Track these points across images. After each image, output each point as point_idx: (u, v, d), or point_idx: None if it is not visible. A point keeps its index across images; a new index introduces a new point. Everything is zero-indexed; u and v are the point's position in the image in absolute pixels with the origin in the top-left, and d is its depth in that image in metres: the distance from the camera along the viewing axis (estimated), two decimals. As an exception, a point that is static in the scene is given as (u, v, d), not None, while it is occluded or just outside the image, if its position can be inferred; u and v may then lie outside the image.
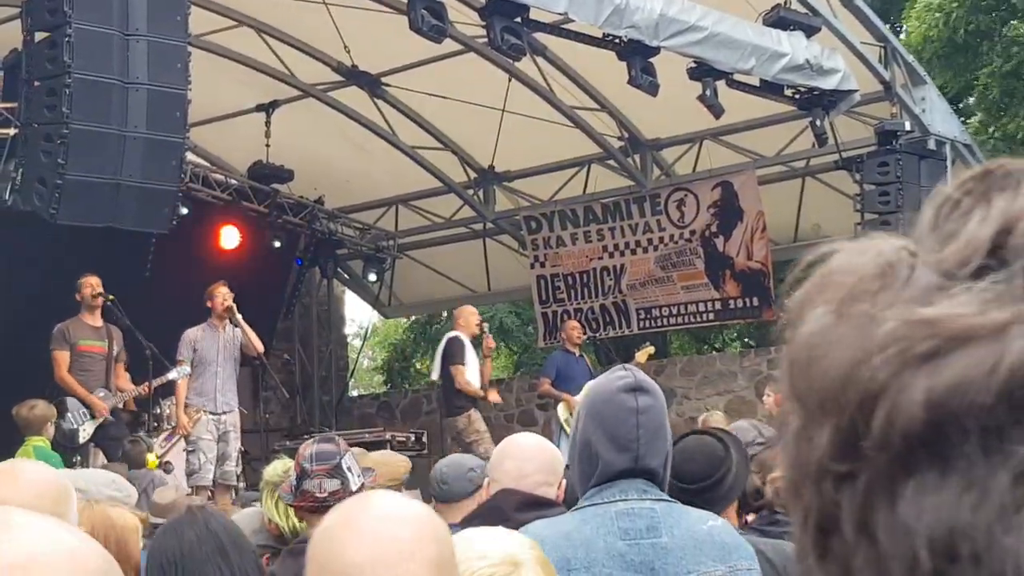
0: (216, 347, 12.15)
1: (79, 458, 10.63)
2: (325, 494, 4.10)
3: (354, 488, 4.15)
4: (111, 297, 11.62)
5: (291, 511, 5.52)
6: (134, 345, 11.87)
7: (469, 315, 13.69)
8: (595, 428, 3.23)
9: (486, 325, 14.42)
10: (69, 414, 10.74)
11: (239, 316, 12.15)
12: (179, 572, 3.35)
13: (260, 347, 12.68)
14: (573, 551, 3.03)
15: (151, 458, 10.74)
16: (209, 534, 3.41)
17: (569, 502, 3.69)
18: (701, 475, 3.98)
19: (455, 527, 3.82)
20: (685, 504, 3.56)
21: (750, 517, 4.36)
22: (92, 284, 11.26)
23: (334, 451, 4.23)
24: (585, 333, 17.11)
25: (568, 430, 14.01)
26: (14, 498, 2.77)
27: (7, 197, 7.94)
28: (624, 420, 3.18)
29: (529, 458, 3.48)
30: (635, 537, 3.09)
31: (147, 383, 11.55)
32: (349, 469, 4.20)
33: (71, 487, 2.92)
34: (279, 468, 5.05)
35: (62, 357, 11.03)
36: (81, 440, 10.75)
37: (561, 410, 14.34)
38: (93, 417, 10.97)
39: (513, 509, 3.40)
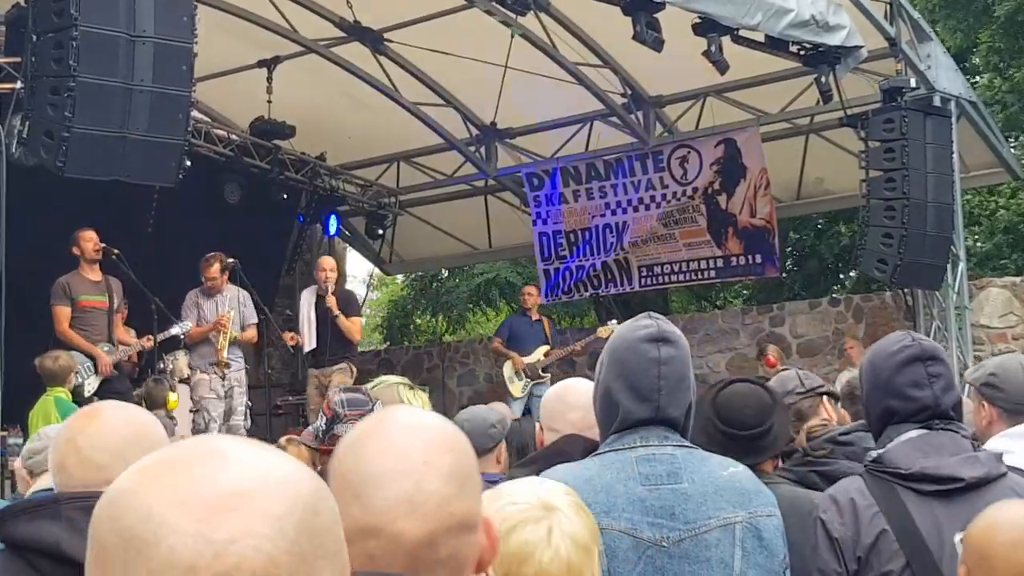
0: (215, 309, 12.21)
1: None
2: None
3: None
4: (116, 251, 11.61)
5: None
6: (138, 299, 11.89)
7: None
8: (616, 376, 3.23)
9: None
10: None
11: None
12: None
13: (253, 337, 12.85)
14: (594, 496, 3.02)
15: (172, 398, 10.79)
16: None
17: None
18: (753, 423, 3.99)
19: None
20: (734, 451, 3.56)
21: (779, 462, 4.38)
22: (92, 239, 11.25)
23: (365, 400, 4.22)
24: (587, 291, 17.21)
25: (511, 389, 14.41)
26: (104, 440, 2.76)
27: (14, 150, 7.92)
28: (646, 371, 3.17)
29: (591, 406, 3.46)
30: (655, 483, 3.09)
31: (150, 336, 11.57)
32: None
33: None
34: None
35: (63, 312, 11.04)
36: (87, 394, 10.76)
37: (506, 368, 14.99)
38: (97, 372, 10.99)
39: (580, 454, 3.39)
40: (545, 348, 15.01)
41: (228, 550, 1.09)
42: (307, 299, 13.23)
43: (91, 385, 10.92)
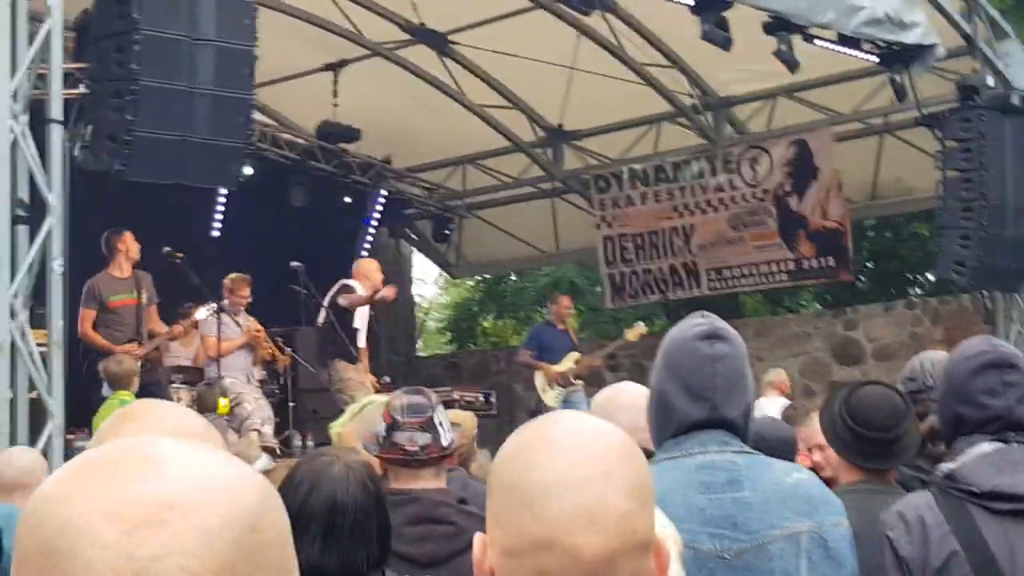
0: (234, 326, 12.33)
1: None
2: (416, 447, 3.95)
3: (444, 443, 4.01)
4: (180, 255, 11.63)
5: None
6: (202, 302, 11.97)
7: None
8: (669, 377, 3.11)
9: None
10: None
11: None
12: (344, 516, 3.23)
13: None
14: (650, 506, 2.89)
15: (223, 403, 10.78)
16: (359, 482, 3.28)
17: None
18: (886, 425, 3.95)
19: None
20: (863, 454, 3.42)
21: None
22: (132, 245, 11.31)
23: (426, 404, 4.08)
24: (654, 295, 17.05)
25: (545, 399, 14.22)
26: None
27: (76, 154, 7.91)
28: (699, 369, 3.05)
29: (644, 408, 3.33)
30: (715, 491, 2.96)
31: (178, 325, 11.70)
32: (440, 424, 4.04)
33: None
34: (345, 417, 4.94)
35: (87, 314, 11.23)
36: None
37: (538, 379, 14.75)
38: None
39: None
40: (575, 355, 14.83)
41: (150, 568, 0.99)
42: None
43: None
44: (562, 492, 1.57)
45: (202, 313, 11.82)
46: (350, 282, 12.83)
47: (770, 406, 10.04)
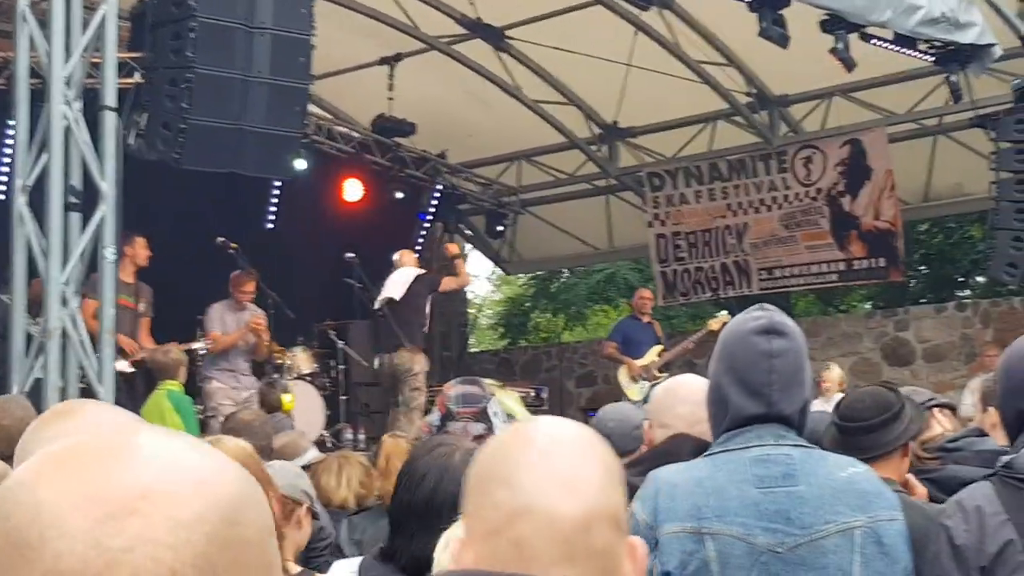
0: (239, 323, 12.30)
1: None
2: (469, 437, 3.91)
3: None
4: (235, 246, 11.70)
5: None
6: (259, 295, 12.04)
7: None
8: (726, 371, 3.10)
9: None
10: None
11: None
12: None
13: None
14: (705, 499, 2.91)
15: (287, 399, 10.83)
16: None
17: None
18: (867, 415, 3.93)
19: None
20: (850, 444, 3.43)
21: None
22: (146, 247, 11.32)
23: (480, 394, 4.08)
24: (706, 293, 17.02)
25: (628, 393, 14.16)
26: None
27: (132, 142, 7.97)
28: (756, 364, 3.03)
29: (703, 401, 3.33)
30: (770, 485, 2.95)
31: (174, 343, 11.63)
32: (495, 414, 4.04)
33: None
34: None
35: (89, 304, 11.19)
36: None
37: (621, 373, 14.70)
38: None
39: (688, 455, 3.26)
40: (658, 348, 14.82)
41: (121, 559, 0.95)
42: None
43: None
44: (537, 464, 1.63)
45: (199, 345, 11.80)
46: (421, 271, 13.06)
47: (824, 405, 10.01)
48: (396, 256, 13.38)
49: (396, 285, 12.88)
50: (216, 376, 12.08)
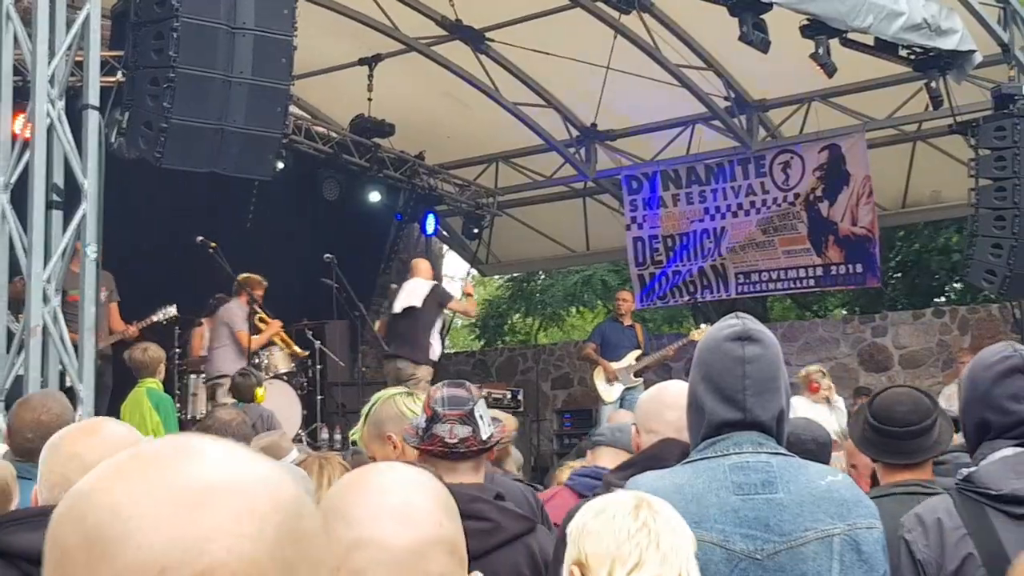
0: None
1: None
2: (455, 440, 3.90)
3: (484, 436, 3.95)
4: (214, 245, 11.66)
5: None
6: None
7: None
8: (702, 378, 3.11)
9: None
10: None
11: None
12: None
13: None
14: (684, 505, 2.89)
15: (260, 392, 10.79)
16: None
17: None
18: (908, 420, 4.01)
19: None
20: (891, 448, 3.43)
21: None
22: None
23: (467, 397, 4.03)
24: (683, 296, 17.03)
25: (603, 395, 14.17)
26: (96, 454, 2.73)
27: (113, 141, 7.93)
28: (730, 370, 3.04)
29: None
30: (749, 492, 2.96)
31: (134, 324, 11.64)
32: (481, 417, 4.00)
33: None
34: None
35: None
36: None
37: (597, 374, 14.78)
38: None
39: (677, 459, 3.25)
40: (637, 353, 14.80)
41: (204, 548, 0.97)
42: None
43: None
44: (371, 497, 1.72)
45: (159, 316, 11.79)
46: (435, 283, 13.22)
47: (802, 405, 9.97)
48: (412, 263, 13.59)
49: (414, 295, 13.04)
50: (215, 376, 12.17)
